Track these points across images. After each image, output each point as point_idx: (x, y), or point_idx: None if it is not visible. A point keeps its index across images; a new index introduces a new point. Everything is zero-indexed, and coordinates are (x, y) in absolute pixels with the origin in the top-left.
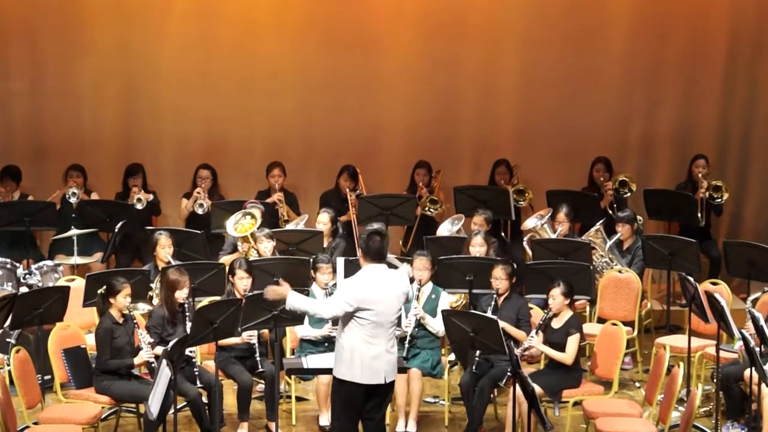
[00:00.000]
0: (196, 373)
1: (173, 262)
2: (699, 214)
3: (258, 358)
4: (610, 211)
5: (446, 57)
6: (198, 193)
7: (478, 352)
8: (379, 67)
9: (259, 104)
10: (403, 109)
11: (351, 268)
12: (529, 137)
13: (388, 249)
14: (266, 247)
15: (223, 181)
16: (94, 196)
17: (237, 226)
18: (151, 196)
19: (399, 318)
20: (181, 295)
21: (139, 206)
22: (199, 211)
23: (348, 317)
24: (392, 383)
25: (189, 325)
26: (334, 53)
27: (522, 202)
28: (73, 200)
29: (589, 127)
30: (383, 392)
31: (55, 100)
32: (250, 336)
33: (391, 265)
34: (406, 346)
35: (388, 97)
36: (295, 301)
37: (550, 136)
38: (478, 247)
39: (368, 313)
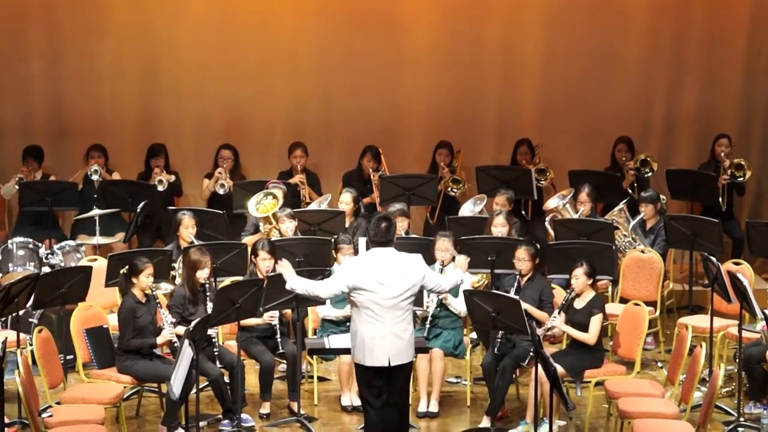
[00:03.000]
0: (218, 353)
1: (196, 242)
2: (720, 199)
3: (279, 338)
4: (631, 191)
5: (468, 35)
6: (219, 173)
7: (500, 333)
8: (400, 46)
9: (279, 84)
10: (424, 89)
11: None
12: (551, 117)
13: (410, 230)
14: (288, 227)
15: (245, 161)
16: (116, 176)
17: (259, 206)
18: (172, 177)
19: (418, 299)
20: (202, 274)
21: (160, 188)
22: (221, 192)
23: (350, 301)
24: (403, 367)
25: (210, 305)
26: (355, 32)
27: (543, 182)
28: (95, 178)
29: (612, 107)
30: (393, 375)
31: (75, 80)
32: (271, 317)
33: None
34: (428, 326)
35: (410, 77)
36: (293, 282)
37: (572, 116)
38: (499, 227)
39: (365, 295)
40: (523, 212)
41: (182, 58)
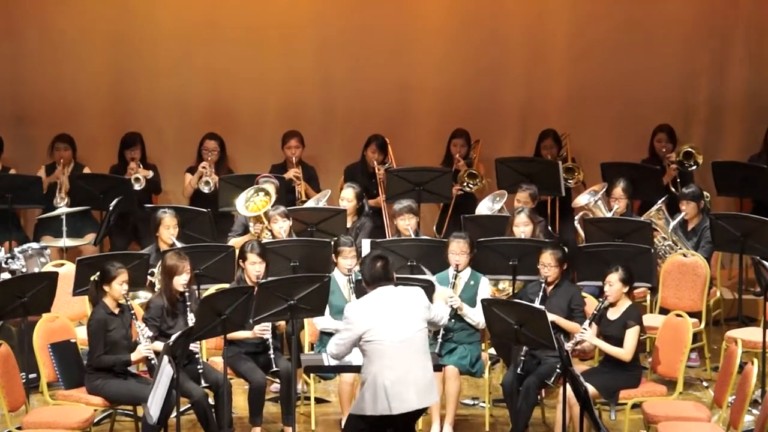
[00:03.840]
0: (201, 371)
1: (178, 245)
2: None
3: (272, 354)
4: (673, 188)
5: (487, 8)
6: (204, 168)
7: (523, 348)
8: (411, 20)
9: (272, 63)
10: (437, 70)
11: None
12: (580, 102)
13: (420, 230)
14: (281, 228)
15: (232, 152)
16: (86, 170)
17: (248, 203)
18: (150, 173)
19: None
20: (179, 281)
21: (137, 186)
22: (205, 190)
23: (361, 349)
24: (425, 408)
25: (190, 316)
26: (358, 3)
27: (571, 182)
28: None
29: (650, 91)
30: (413, 417)
31: (35, 58)
32: (262, 330)
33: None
34: (440, 340)
35: (421, 55)
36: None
37: (605, 102)
38: (522, 227)
39: (379, 338)
40: (550, 212)
41: (159, 32)
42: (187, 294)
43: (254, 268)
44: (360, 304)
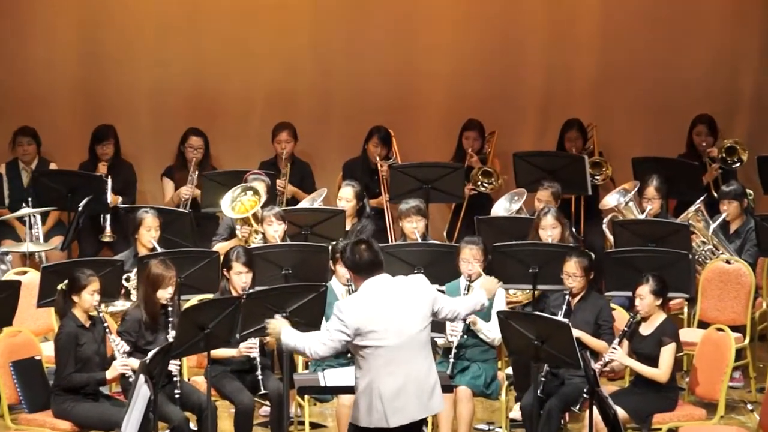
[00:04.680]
0: (181, 392)
1: (159, 249)
2: None
3: (261, 374)
4: (714, 187)
5: None
6: (187, 192)
7: (544, 367)
8: None
9: (261, 46)
10: (446, 52)
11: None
12: (609, 89)
13: (428, 234)
14: (276, 231)
15: (217, 147)
16: (53, 167)
17: (235, 204)
18: (118, 200)
19: (440, 325)
20: (164, 294)
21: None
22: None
23: (354, 350)
24: (423, 421)
25: (173, 333)
26: None
27: (598, 178)
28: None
29: (688, 77)
30: (416, 428)
31: None
32: (249, 348)
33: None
34: (452, 359)
35: (428, 36)
36: (289, 338)
37: (637, 88)
38: (549, 230)
39: (375, 341)
40: (573, 211)
41: (135, 13)
42: (170, 308)
43: (240, 278)
44: (354, 301)
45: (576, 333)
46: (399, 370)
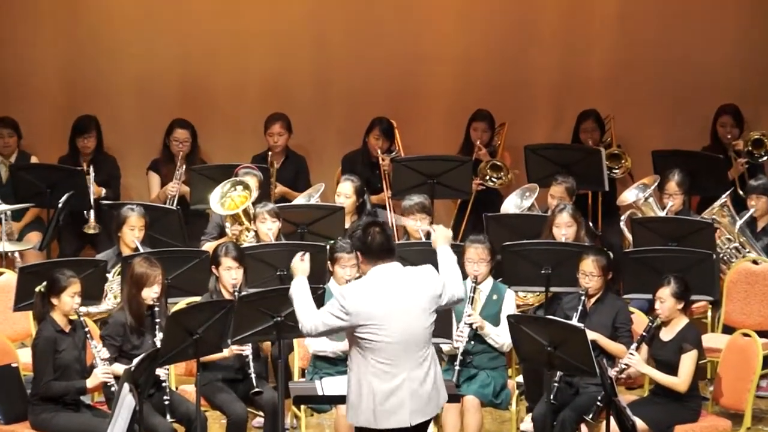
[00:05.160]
0: (169, 401)
1: (142, 249)
2: None
3: (252, 374)
4: (739, 183)
5: None
6: (172, 189)
7: (558, 374)
8: None
9: (253, 32)
10: (453, 37)
11: None
12: (627, 78)
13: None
14: (270, 229)
15: (206, 140)
16: (34, 161)
17: (224, 200)
18: (102, 192)
19: (446, 329)
20: (149, 294)
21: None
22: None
23: (351, 340)
24: (426, 423)
25: (160, 336)
26: None
27: (617, 171)
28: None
29: (711, 65)
30: None
31: None
32: (241, 348)
33: None
34: (457, 368)
35: (434, 20)
36: (295, 290)
37: (657, 78)
38: (564, 228)
39: (375, 333)
40: (590, 208)
41: None
42: (156, 309)
43: (229, 275)
44: (359, 288)
45: (592, 335)
46: (396, 369)
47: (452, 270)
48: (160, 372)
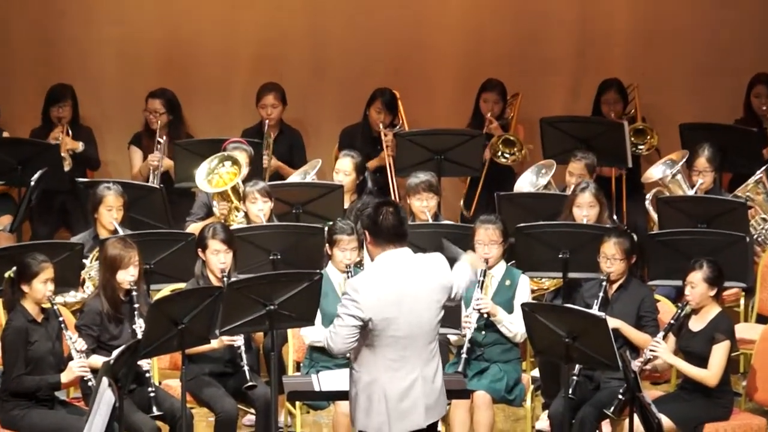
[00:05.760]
0: (152, 395)
1: (121, 231)
2: None
3: (245, 366)
4: None
5: None
6: (153, 162)
7: (577, 368)
8: None
9: None
10: (463, 1)
11: None
12: (653, 45)
13: (441, 213)
14: (261, 210)
15: (193, 112)
16: (6, 136)
17: (212, 177)
18: (79, 146)
19: (455, 318)
20: (125, 277)
21: (66, 167)
22: (156, 182)
23: (361, 337)
24: (435, 423)
25: (139, 322)
26: None
27: (641, 148)
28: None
29: (744, 30)
30: None
31: None
32: (232, 339)
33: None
34: (464, 356)
35: None
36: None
37: (685, 44)
38: (586, 209)
39: (386, 329)
40: (613, 187)
41: None
42: (134, 294)
43: (217, 258)
44: (371, 278)
45: (614, 323)
46: (408, 367)
47: (460, 271)
48: (143, 363)
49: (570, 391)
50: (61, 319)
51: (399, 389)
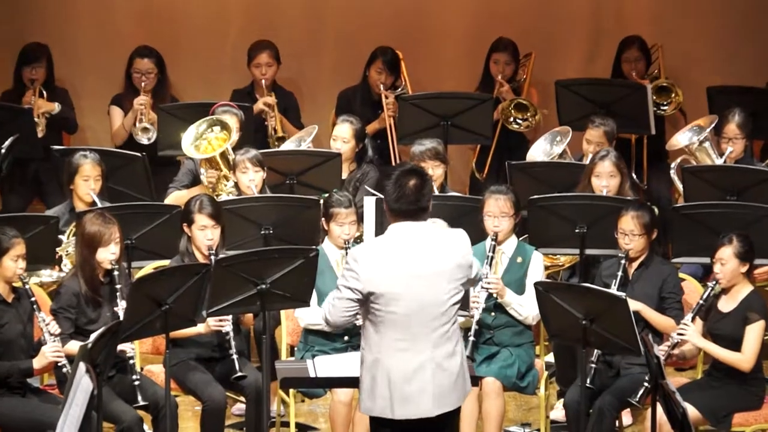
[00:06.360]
0: (136, 384)
1: (99, 204)
2: None
3: (234, 354)
4: None
5: None
6: (141, 104)
7: (594, 352)
8: None
9: None
10: None
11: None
12: (676, 1)
13: (447, 184)
14: (252, 180)
15: (178, 73)
16: None
17: (199, 142)
18: (55, 107)
19: (464, 301)
20: (106, 256)
21: (40, 133)
22: (144, 140)
23: (363, 312)
24: (450, 416)
25: (121, 304)
26: None
27: (665, 108)
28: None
29: None
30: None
31: None
32: (221, 321)
33: None
34: (471, 339)
35: None
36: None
37: (713, 1)
38: (605, 179)
39: (391, 304)
40: (633, 155)
41: None
42: (115, 273)
43: (204, 235)
44: (373, 248)
45: (634, 305)
46: (415, 347)
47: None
48: (126, 347)
49: (588, 381)
50: (33, 299)
51: (404, 371)
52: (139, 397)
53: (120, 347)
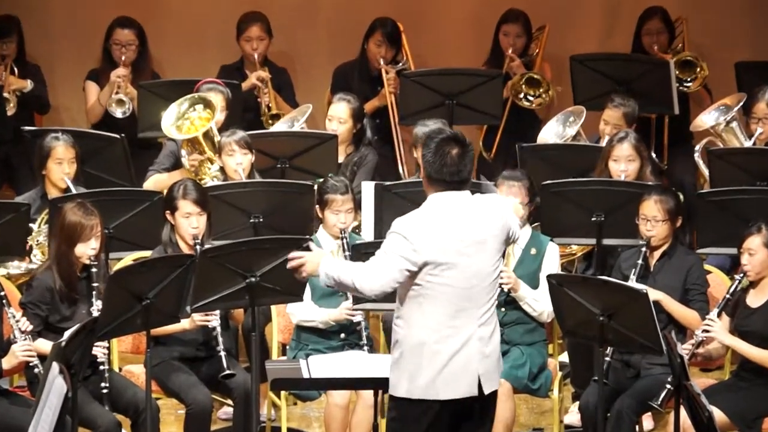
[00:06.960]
0: (105, 393)
1: (74, 190)
2: None
3: (222, 352)
4: None
5: None
6: (119, 77)
7: (610, 351)
8: None
9: None
10: None
11: (388, 200)
12: None
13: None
14: (240, 163)
15: (160, 47)
16: None
17: (181, 122)
18: (27, 84)
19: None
20: (85, 250)
21: (9, 111)
22: (118, 113)
23: (406, 288)
24: (493, 396)
25: (98, 305)
26: None
27: (689, 84)
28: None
29: None
30: (478, 412)
31: None
32: (207, 316)
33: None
34: None
35: None
36: (331, 268)
37: None
38: (624, 163)
39: (441, 276)
40: (654, 137)
41: None
42: (93, 270)
43: (188, 223)
44: (421, 219)
45: (654, 294)
46: (463, 324)
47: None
48: (98, 352)
49: (604, 380)
50: (2, 293)
51: (452, 348)
52: (107, 407)
53: (96, 349)
